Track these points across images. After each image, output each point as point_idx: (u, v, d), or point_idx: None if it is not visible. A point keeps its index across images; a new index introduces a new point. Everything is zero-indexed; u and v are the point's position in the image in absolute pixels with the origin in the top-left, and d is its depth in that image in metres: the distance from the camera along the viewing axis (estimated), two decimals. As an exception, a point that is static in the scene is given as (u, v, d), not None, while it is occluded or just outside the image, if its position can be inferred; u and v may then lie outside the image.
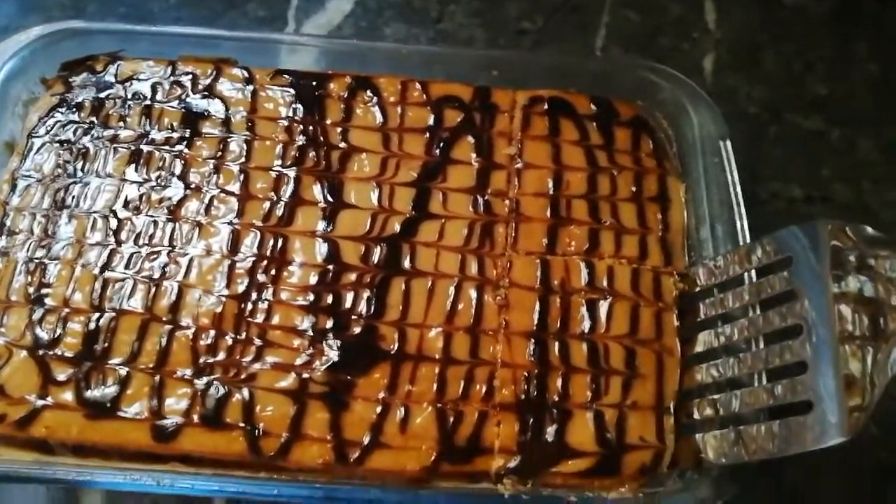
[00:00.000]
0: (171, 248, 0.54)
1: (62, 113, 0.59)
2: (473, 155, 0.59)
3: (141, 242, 0.54)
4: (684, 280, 0.53)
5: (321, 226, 0.55)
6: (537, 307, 0.53)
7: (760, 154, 0.70)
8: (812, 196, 0.68)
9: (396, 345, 0.51)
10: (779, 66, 0.74)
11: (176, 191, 0.56)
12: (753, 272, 0.49)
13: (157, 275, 0.53)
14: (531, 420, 0.49)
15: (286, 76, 0.61)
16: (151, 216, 0.55)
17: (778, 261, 0.47)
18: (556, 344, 0.51)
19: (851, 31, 0.76)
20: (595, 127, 0.60)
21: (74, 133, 0.58)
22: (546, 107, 0.61)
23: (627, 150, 0.59)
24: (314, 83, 0.61)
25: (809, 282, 0.44)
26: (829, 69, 0.74)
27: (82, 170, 0.57)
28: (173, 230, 0.54)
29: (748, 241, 0.53)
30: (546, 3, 0.76)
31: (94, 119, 0.59)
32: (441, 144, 0.59)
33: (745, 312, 0.49)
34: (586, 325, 0.52)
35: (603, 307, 0.53)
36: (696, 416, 0.49)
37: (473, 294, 0.53)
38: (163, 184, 0.56)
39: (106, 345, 0.50)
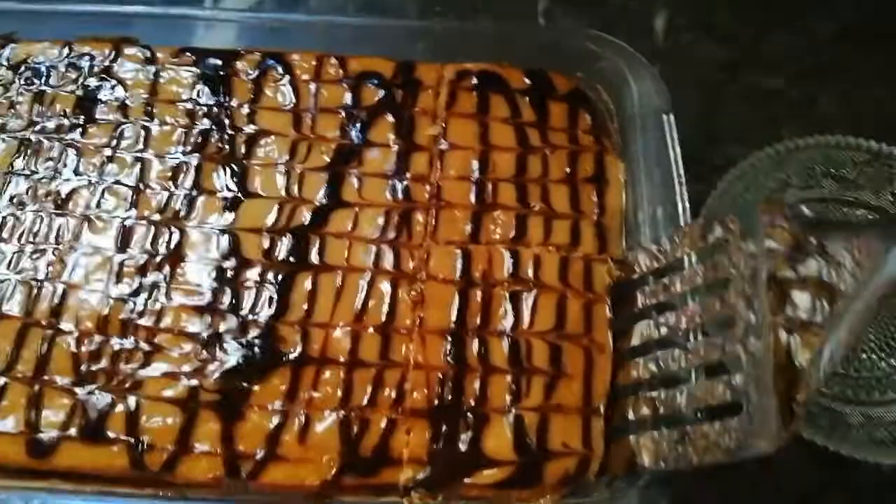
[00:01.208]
0: (56, 246, 0.49)
1: (-53, 102, 0.55)
2: (392, 136, 0.53)
3: (24, 240, 0.49)
4: (621, 267, 0.48)
5: (221, 218, 0.50)
6: (455, 302, 0.48)
7: (717, 117, 0.65)
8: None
9: (299, 347, 0.46)
10: (735, 22, 0.68)
11: (65, 183, 0.51)
12: (694, 257, 0.45)
13: (40, 275, 0.48)
14: (444, 427, 0.44)
15: (189, 55, 0.56)
16: (37, 211, 0.50)
17: (716, 244, 0.42)
18: (475, 342, 0.47)
19: None
20: (528, 102, 0.55)
21: (-40, 124, 0.54)
22: (475, 81, 0.56)
23: (563, 126, 0.54)
24: (221, 62, 0.56)
25: (741, 267, 0.39)
26: (788, 23, 0.69)
27: (-35, 162, 0.52)
28: (60, 226, 0.50)
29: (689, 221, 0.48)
30: None
31: (-18, 107, 0.55)
32: (358, 125, 0.54)
33: (684, 301, 0.44)
34: (508, 320, 0.47)
35: (527, 300, 0.48)
36: (631, 415, 0.44)
37: (387, 289, 0.48)
38: (51, 175, 0.52)
39: (-19, 353, 0.46)
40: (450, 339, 0.47)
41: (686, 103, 0.54)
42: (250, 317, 0.47)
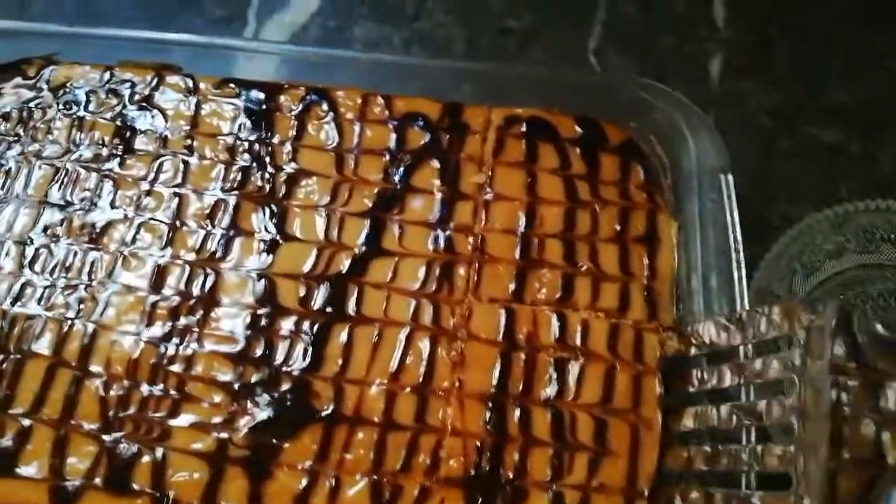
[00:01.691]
0: (88, 283, 0.48)
1: (-14, 124, 0.54)
2: (437, 182, 0.52)
3: (56, 274, 0.48)
4: (679, 338, 0.46)
5: (258, 261, 0.49)
6: (497, 365, 0.46)
7: (771, 171, 0.62)
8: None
9: (332, 404, 0.44)
10: (793, 69, 0.65)
11: (101, 216, 0.50)
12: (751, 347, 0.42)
13: (70, 313, 0.47)
14: (480, 499, 0.42)
15: (233, 86, 0.55)
16: (70, 244, 0.49)
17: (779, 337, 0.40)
18: (517, 410, 0.45)
19: (875, 25, 0.67)
20: (579, 153, 0.53)
21: (-3, 147, 0.53)
22: (524, 128, 0.54)
23: (614, 180, 0.52)
24: (264, 95, 0.54)
25: (804, 375, 0.36)
26: (849, 71, 0.66)
27: (2, 189, 0.51)
28: (94, 262, 0.49)
29: (745, 296, 0.46)
30: None
31: (20, 131, 0.53)
32: (401, 169, 0.52)
33: (742, 393, 0.42)
34: (552, 389, 0.45)
35: (573, 369, 0.46)
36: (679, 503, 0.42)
37: (425, 347, 0.46)
38: (86, 207, 0.50)
39: (9, 391, 0.45)
40: (490, 404, 0.45)
41: (739, 155, 0.52)
42: (283, 368, 0.45)
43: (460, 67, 0.57)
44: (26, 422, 0.44)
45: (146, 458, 0.43)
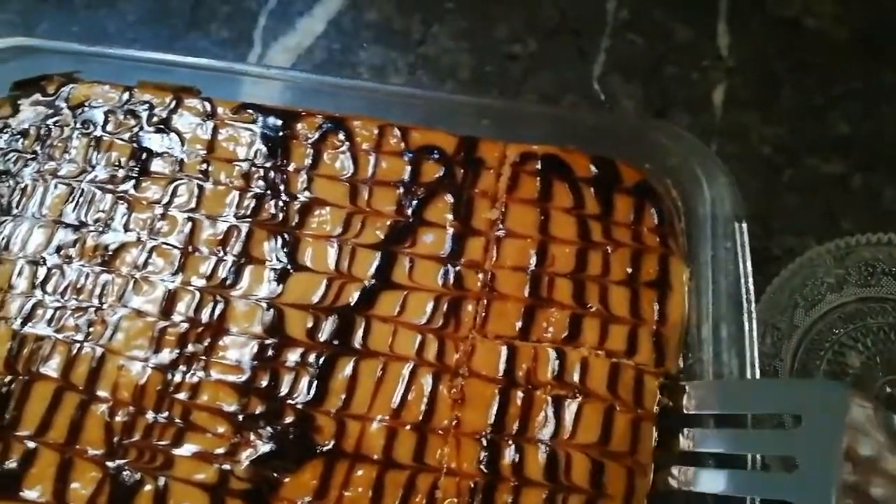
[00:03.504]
0: (99, 305, 0.48)
1: (5, 140, 0.54)
2: (450, 217, 0.52)
3: (68, 296, 0.49)
4: (671, 393, 0.45)
5: (267, 289, 0.49)
6: (495, 403, 0.45)
7: (774, 202, 0.62)
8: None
9: (334, 440, 0.44)
10: (797, 101, 0.65)
11: (114, 238, 0.50)
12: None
13: (79, 335, 0.47)
14: (472, 541, 0.42)
15: (250, 111, 0.55)
16: (83, 266, 0.50)
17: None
18: (511, 450, 0.44)
19: (880, 59, 0.66)
20: (593, 193, 0.53)
21: (15, 164, 0.53)
22: (539, 165, 0.54)
23: (627, 222, 0.52)
24: (281, 122, 0.55)
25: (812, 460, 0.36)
26: (853, 104, 0.65)
27: (17, 206, 0.52)
28: (105, 284, 0.49)
29: (755, 348, 0.46)
30: (541, 24, 0.68)
31: (38, 148, 0.54)
32: (414, 202, 0.52)
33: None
34: (549, 428, 0.45)
35: (570, 408, 0.45)
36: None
37: (427, 383, 0.46)
38: (100, 229, 0.51)
39: (16, 413, 0.45)
40: (485, 444, 0.44)
41: (742, 184, 0.51)
42: (288, 401, 0.45)
43: (470, 102, 0.56)
44: (32, 444, 0.44)
45: (148, 487, 0.43)
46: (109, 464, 0.44)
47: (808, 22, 0.68)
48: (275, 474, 0.44)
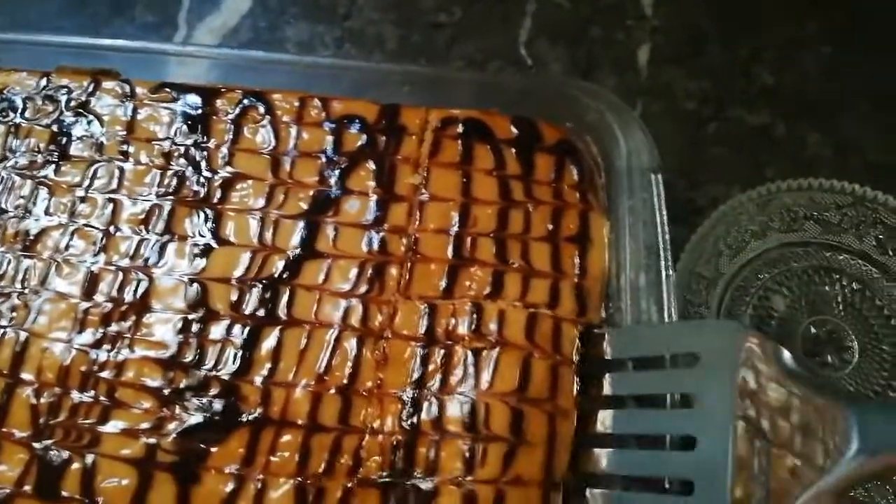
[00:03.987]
0: (21, 290, 0.48)
1: (-80, 133, 0.54)
2: (372, 184, 0.52)
3: (-11, 283, 0.49)
4: (592, 341, 0.46)
5: (191, 265, 0.49)
6: (416, 361, 0.46)
7: (699, 155, 0.63)
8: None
9: (259, 408, 0.45)
10: (723, 56, 0.66)
11: (35, 223, 0.50)
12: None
13: (3, 321, 0.47)
14: (392, 499, 0.43)
15: (169, 90, 0.55)
16: (5, 253, 0.49)
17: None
18: (431, 405, 0.45)
19: (806, 11, 0.67)
20: (514, 154, 0.53)
21: (-68, 155, 0.53)
22: (460, 129, 0.54)
23: (548, 180, 0.52)
24: (201, 99, 0.55)
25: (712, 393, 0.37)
26: (778, 56, 0.66)
27: (-64, 198, 0.52)
28: (27, 269, 0.49)
29: (672, 294, 0.46)
30: None
31: (-45, 139, 0.54)
32: (337, 172, 0.52)
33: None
34: (468, 381, 0.45)
35: (488, 359, 0.45)
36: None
37: (352, 348, 0.47)
38: (21, 215, 0.51)
39: (-59, 401, 0.45)
40: (406, 401, 0.45)
41: (668, 139, 0.52)
42: (213, 373, 0.46)
43: (395, 71, 0.57)
44: (-43, 430, 0.45)
45: (76, 465, 0.43)
46: (36, 444, 0.44)
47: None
48: (202, 445, 0.44)
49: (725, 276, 0.55)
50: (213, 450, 0.44)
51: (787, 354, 0.36)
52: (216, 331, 0.47)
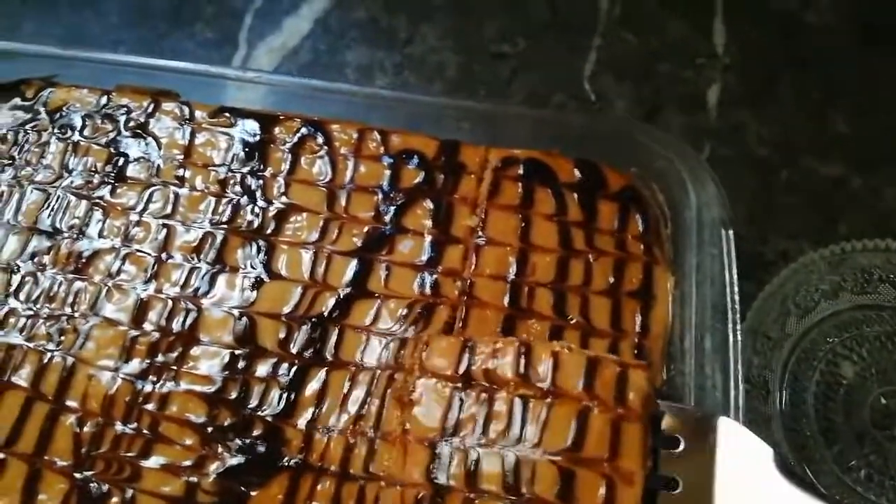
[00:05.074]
0: (71, 314, 0.48)
1: (-18, 146, 0.54)
2: (428, 223, 0.50)
3: (40, 304, 0.48)
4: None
5: (241, 298, 0.48)
6: (450, 405, 0.42)
7: (769, 205, 0.60)
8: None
9: (301, 453, 0.43)
10: (796, 99, 0.63)
11: (88, 245, 0.50)
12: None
13: (51, 345, 0.47)
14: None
15: (228, 115, 0.54)
16: (56, 274, 0.49)
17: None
18: (465, 457, 0.41)
19: (883, 57, 0.64)
20: (576, 199, 0.51)
21: (-8, 170, 0.53)
22: (521, 170, 0.52)
23: (611, 230, 0.50)
24: (259, 125, 0.54)
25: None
26: (854, 103, 0.63)
27: (-7, 213, 0.51)
28: (78, 292, 0.48)
29: (739, 362, 0.44)
30: (532, 22, 0.66)
31: (15, 154, 0.53)
32: (393, 209, 0.51)
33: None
34: (513, 433, 0.41)
35: (537, 410, 0.42)
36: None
37: (381, 387, 0.44)
38: (74, 236, 0.50)
39: (-15, 423, 0.45)
40: (436, 450, 0.42)
41: (735, 187, 0.50)
42: (257, 413, 0.45)
43: (452, 105, 0.55)
44: (0, 455, 0.44)
45: (115, 500, 0.43)
46: (77, 475, 0.43)
47: (808, 16, 0.66)
48: (242, 488, 0.43)
49: (792, 338, 0.52)
50: (254, 494, 0.43)
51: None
52: (262, 369, 0.46)
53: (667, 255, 0.50)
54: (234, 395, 0.45)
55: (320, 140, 0.53)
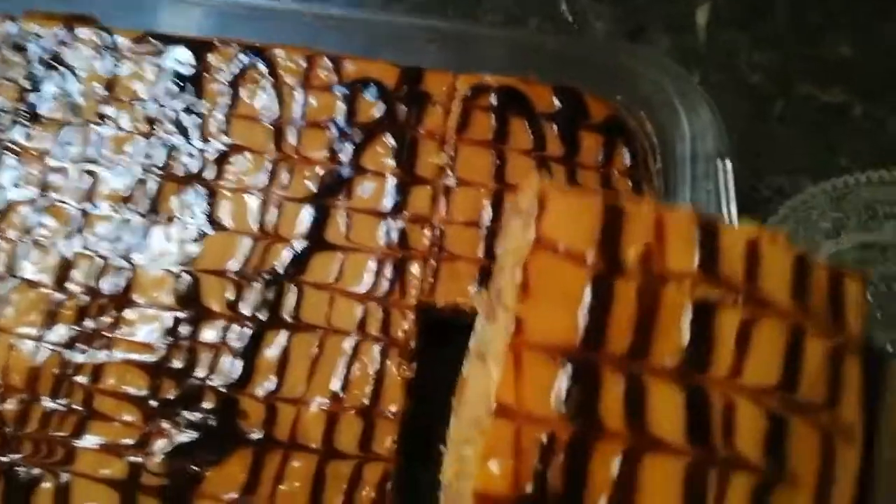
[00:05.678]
0: (-12, 276, 0.42)
1: None
2: (391, 163, 0.45)
3: (-47, 266, 0.42)
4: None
5: (180, 253, 0.42)
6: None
7: (763, 137, 0.55)
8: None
9: (263, 427, 0.39)
10: (791, 20, 0.58)
11: (1, 196, 0.43)
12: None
13: (-34, 312, 0.41)
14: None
15: (155, 42, 0.47)
16: (-30, 231, 0.43)
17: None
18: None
19: None
20: (556, 131, 0.46)
21: None
22: (494, 100, 0.46)
23: (595, 165, 0.45)
24: (192, 53, 0.47)
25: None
26: (855, 22, 0.58)
27: None
28: (-7, 250, 0.42)
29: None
30: None
31: (-89, 95, 0.46)
32: (350, 146, 0.45)
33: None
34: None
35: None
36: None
37: (376, 360, 0.40)
38: (-14, 187, 0.44)
39: None
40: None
41: (728, 118, 0.45)
42: (207, 383, 0.40)
43: (420, 24, 0.49)
44: None
45: (47, 484, 0.38)
46: (2, 459, 0.38)
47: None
48: (195, 467, 0.38)
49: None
50: (208, 473, 0.38)
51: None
52: (210, 333, 0.41)
53: (657, 190, 0.45)
54: (178, 363, 0.40)
55: (263, 69, 0.47)
